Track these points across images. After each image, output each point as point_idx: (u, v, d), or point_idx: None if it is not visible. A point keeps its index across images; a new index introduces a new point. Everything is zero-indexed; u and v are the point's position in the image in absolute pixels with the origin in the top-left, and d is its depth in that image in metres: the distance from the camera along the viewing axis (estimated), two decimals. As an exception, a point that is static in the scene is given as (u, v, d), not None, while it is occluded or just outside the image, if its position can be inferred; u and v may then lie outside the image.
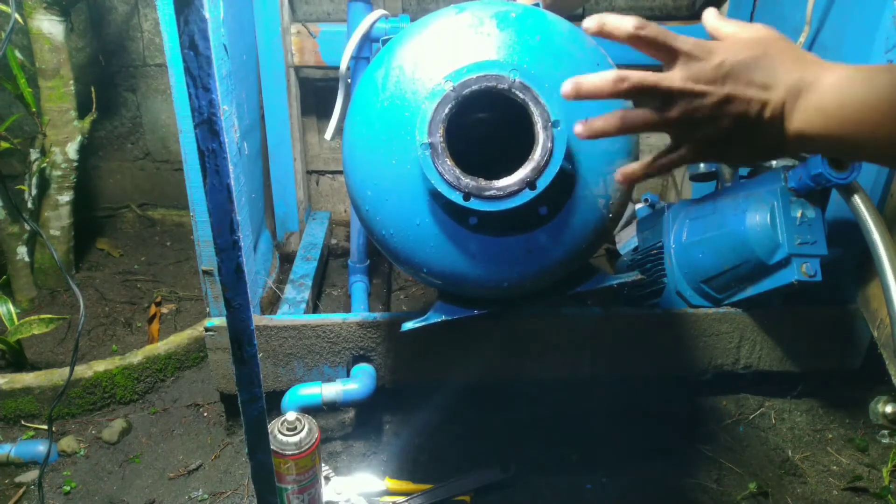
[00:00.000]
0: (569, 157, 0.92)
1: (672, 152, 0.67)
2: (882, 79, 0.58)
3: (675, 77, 0.62)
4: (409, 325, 1.18)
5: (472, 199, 0.88)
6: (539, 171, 0.88)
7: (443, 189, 0.89)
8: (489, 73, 0.87)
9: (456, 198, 0.88)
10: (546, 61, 0.94)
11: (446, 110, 0.87)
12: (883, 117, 0.58)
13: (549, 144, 0.87)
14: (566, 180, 0.95)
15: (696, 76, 0.62)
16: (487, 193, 0.88)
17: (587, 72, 0.68)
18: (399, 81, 0.96)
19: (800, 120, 0.62)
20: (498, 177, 0.89)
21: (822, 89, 0.61)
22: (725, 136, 0.63)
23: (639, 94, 0.64)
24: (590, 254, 1.09)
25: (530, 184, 0.88)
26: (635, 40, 0.63)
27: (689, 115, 0.63)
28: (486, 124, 1.08)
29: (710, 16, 0.68)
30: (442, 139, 0.87)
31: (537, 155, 0.88)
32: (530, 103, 0.87)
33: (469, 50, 0.94)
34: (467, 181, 0.88)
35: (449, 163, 0.88)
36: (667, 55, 0.64)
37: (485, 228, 0.98)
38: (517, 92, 0.87)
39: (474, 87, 0.87)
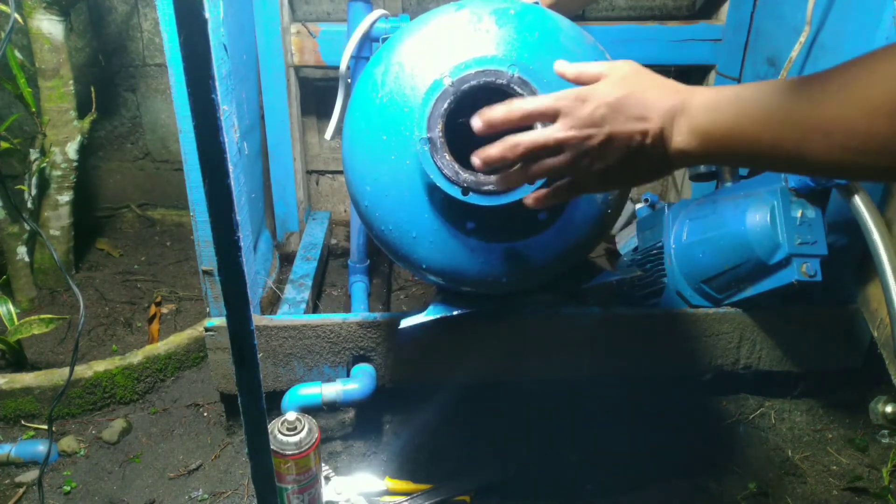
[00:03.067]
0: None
1: (574, 185, 0.76)
2: (748, 94, 0.64)
3: (558, 129, 0.71)
4: (407, 322, 1.18)
5: (470, 193, 0.88)
6: None
7: (441, 183, 0.88)
8: (488, 69, 0.87)
9: (455, 192, 0.88)
10: (545, 57, 0.94)
11: (445, 105, 0.87)
12: (756, 132, 0.63)
13: (549, 141, 0.87)
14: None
15: (578, 123, 0.70)
16: (486, 188, 0.88)
17: None
18: (398, 78, 0.96)
19: (679, 141, 0.68)
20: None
21: (694, 112, 0.67)
22: (617, 167, 0.71)
23: (535, 153, 0.73)
24: (590, 249, 1.09)
25: None
26: (511, 123, 0.73)
27: (579, 158, 0.71)
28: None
29: (563, 67, 0.76)
30: (441, 134, 0.87)
31: None
32: None
33: (468, 46, 0.94)
34: (466, 175, 0.88)
35: (448, 158, 0.88)
36: (549, 117, 0.72)
37: (483, 231, 0.98)
38: (516, 87, 0.87)
39: (473, 83, 0.87)
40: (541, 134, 0.72)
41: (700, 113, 0.66)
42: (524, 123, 0.74)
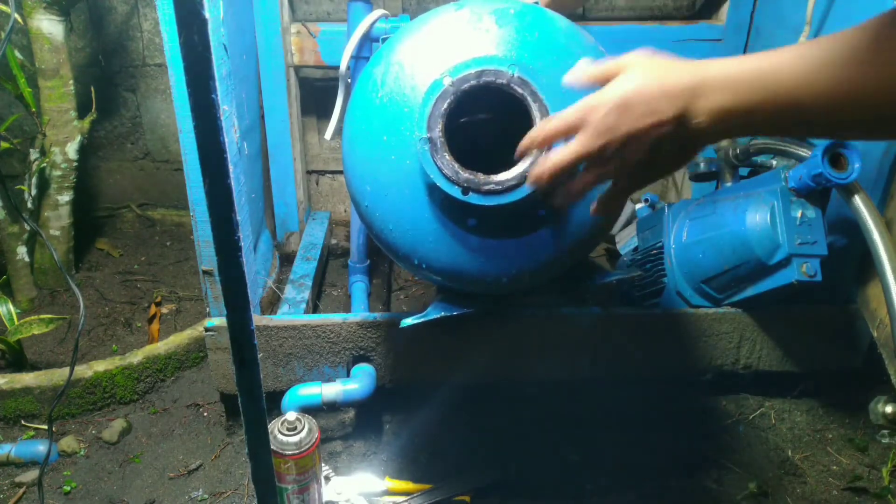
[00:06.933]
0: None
1: (613, 189, 0.77)
2: (767, 67, 0.65)
3: (577, 144, 0.72)
4: (408, 322, 1.18)
5: (470, 193, 0.88)
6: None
7: (441, 183, 0.88)
8: (488, 69, 0.87)
9: (454, 192, 0.88)
10: (545, 57, 0.94)
11: (445, 105, 0.87)
12: (780, 105, 0.63)
13: (548, 140, 0.87)
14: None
15: (594, 133, 0.71)
16: (486, 188, 0.88)
17: None
18: (398, 77, 0.96)
19: (700, 122, 0.68)
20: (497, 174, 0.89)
21: (709, 92, 0.67)
22: (646, 162, 0.72)
23: (563, 175, 0.75)
24: (590, 248, 1.09)
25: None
26: (544, 141, 0.77)
27: (606, 164, 0.73)
28: (488, 126, 1.08)
29: (575, 78, 0.77)
30: (441, 134, 0.87)
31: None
32: (529, 98, 0.87)
33: (468, 46, 0.94)
34: (466, 175, 0.88)
35: (448, 157, 0.88)
36: (571, 132, 0.73)
37: (483, 230, 0.98)
38: (516, 87, 0.87)
39: (473, 83, 0.87)
40: (563, 153, 0.73)
41: (717, 93, 0.66)
42: (548, 144, 0.77)
